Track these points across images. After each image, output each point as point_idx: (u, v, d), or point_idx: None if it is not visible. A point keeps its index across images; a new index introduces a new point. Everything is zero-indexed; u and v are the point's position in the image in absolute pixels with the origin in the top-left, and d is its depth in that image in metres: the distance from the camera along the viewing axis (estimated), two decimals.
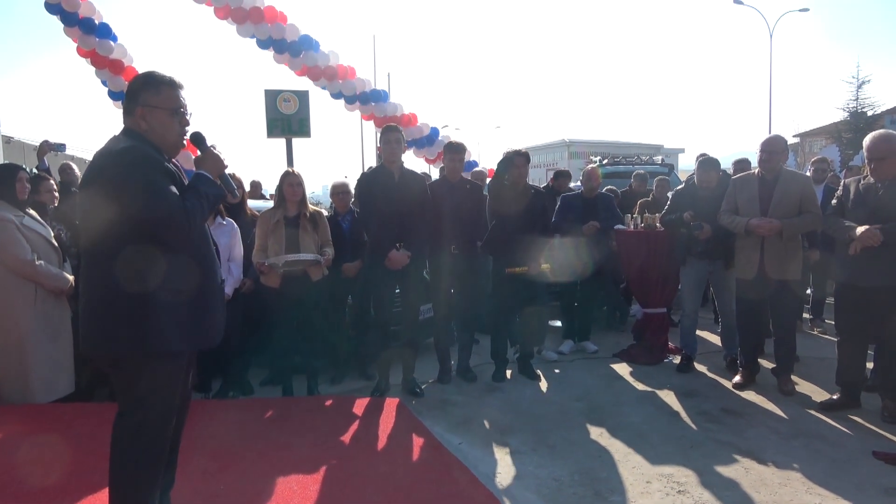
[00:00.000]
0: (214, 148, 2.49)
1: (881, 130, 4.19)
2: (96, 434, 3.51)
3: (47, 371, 4.07)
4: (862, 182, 4.12)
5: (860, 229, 3.91)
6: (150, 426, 2.31)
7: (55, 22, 9.31)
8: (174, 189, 2.26)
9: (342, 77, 10.19)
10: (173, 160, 2.47)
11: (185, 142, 2.46)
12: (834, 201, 4.33)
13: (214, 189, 2.41)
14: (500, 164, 5.18)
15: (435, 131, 11.03)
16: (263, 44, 9.87)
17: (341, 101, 10.50)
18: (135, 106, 2.33)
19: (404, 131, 11.07)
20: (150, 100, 2.33)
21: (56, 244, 4.19)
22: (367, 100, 10.51)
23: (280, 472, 3.25)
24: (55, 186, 4.84)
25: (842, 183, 4.39)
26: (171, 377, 2.36)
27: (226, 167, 2.48)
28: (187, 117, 2.41)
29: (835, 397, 4.28)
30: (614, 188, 7.30)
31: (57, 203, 4.77)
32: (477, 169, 7.87)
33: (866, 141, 4.07)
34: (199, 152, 2.52)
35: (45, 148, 6.81)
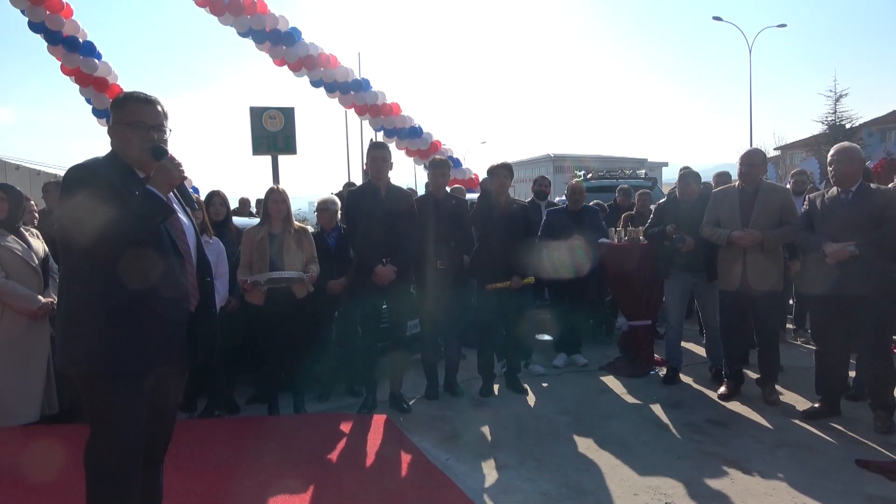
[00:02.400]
0: (172, 160, 2.34)
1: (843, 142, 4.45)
2: (76, 455, 3.47)
3: (7, 396, 3.92)
4: (828, 196, 4.22)
5: (830, 248, 4.00)
6: (114, 448, 2.24)
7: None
8: (111, 205, 2.16)
9: (323, 66, 10.27)
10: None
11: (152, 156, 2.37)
12: (803, 216, 4.42)
13: (150, 204, 2.24)
14: (485, 180, 5.24)
15: (419, 126, 11.14)
16: (244, 33, 9.96)
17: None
18: (109, 126, 2.39)
19: (386, 121, 11.23)
20: (116, 117, 2.37)
21: (37, 267, 4.11)
22: (347, 89, 10.58)
23: (267, 490, 3.22)
24: (34, 206, 4.81)
25: (806, 198, 4.49)
26: (129, 398, 2.24)
27: (181, 179, 2.37)
28: (154, 133, 2.35)
29: (816, 406, 4.33)
30: (601, 202, 7.36)
31: (37, 223, 4.72)
32: (457, 185, 7.92)
33: (831, 150, 4.26)
34: None
35: None
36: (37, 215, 4.77)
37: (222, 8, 9.57)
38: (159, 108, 2.40)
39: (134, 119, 2.34)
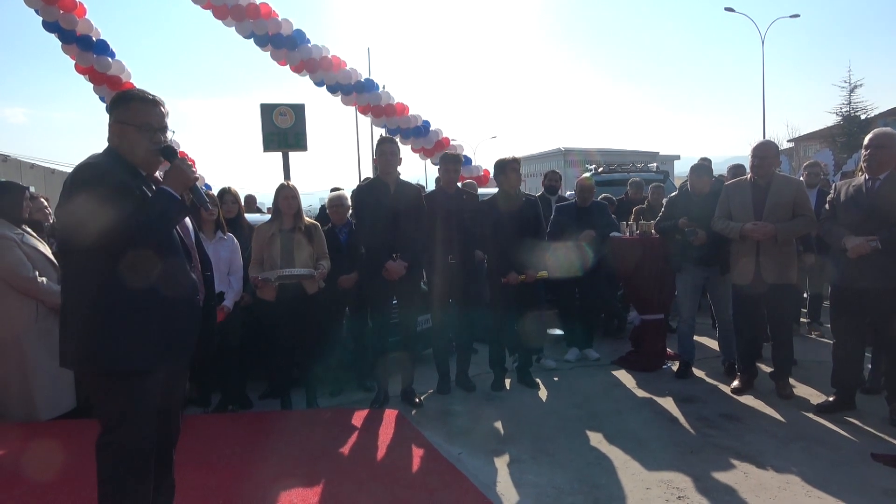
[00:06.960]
0: (185, 160, 2.39)
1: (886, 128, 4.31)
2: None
3: (50, 388, 4.06)
4: (853, 184, 4.16)
5: (851, 241, 3.94)
6: (128, 447, 2.24)
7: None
8: (125, 204, 2.18)
9: (325, 68, 10.33)
10: (155, 176, 2.46)
11: (160, 157, 2.40)
12: (827, 206, 4.36)
13: (172, 204, 2.30)
14: (495, 172, 5.24)
15: (427, 123, 11.15)
16: (246, 36, 10.05)
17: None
18: (110, 122, 2.36)
19: (389, 120, 11.29)
20: (120, 116, 2.35)
21: (54, 260, 4.21)
22: (349, 90, 10.62)
23: (280, 485, 3.25)
24: (46, 204, 4.87)
25: (833, 186, 4.44)
26: (140, 396, 2.26)
27: (194, 180, 2.41)
28: (161, 134, 2.38)
29: (830, 399, 4.30)
30: (610, 196, 7.34)
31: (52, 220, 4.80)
32: (469, 180, 7.92)
33: (869, 134, 4.14)
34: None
35: None
36: (50, 213, 4.83)
37: (225, 12, 9.62)
38: (164, 110, 2.41)
39: (142, 121, 2.34)
